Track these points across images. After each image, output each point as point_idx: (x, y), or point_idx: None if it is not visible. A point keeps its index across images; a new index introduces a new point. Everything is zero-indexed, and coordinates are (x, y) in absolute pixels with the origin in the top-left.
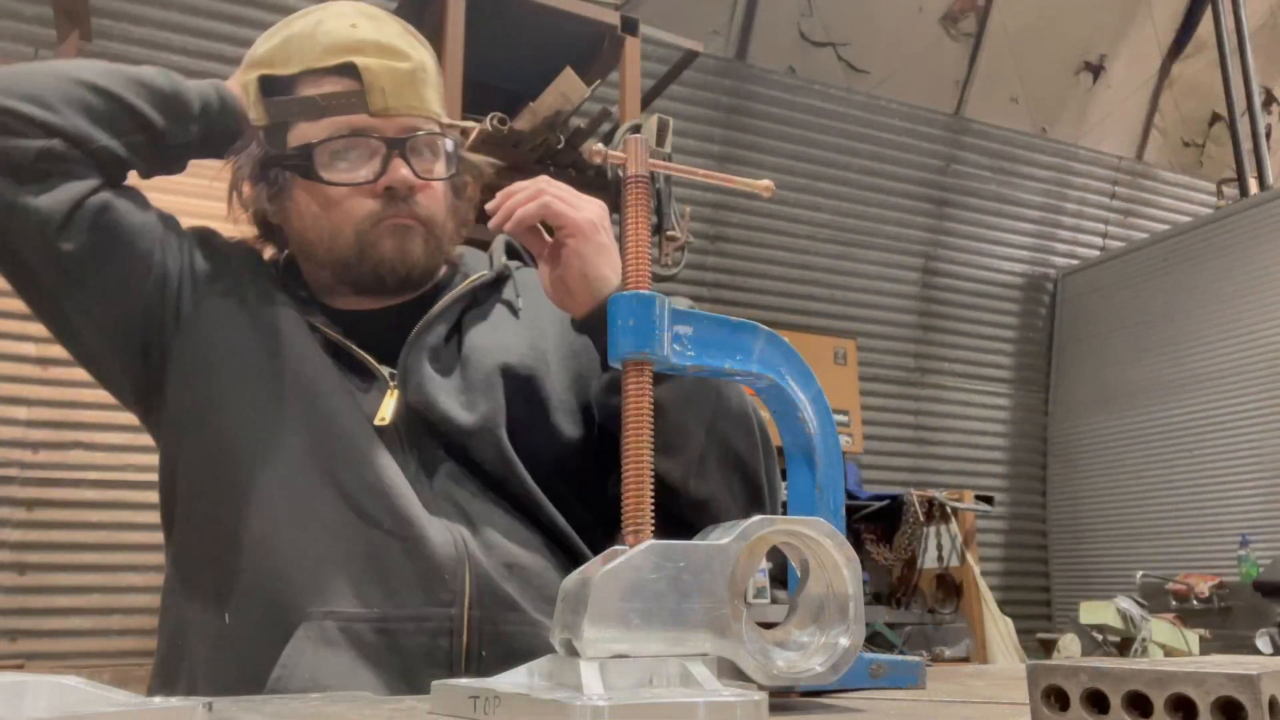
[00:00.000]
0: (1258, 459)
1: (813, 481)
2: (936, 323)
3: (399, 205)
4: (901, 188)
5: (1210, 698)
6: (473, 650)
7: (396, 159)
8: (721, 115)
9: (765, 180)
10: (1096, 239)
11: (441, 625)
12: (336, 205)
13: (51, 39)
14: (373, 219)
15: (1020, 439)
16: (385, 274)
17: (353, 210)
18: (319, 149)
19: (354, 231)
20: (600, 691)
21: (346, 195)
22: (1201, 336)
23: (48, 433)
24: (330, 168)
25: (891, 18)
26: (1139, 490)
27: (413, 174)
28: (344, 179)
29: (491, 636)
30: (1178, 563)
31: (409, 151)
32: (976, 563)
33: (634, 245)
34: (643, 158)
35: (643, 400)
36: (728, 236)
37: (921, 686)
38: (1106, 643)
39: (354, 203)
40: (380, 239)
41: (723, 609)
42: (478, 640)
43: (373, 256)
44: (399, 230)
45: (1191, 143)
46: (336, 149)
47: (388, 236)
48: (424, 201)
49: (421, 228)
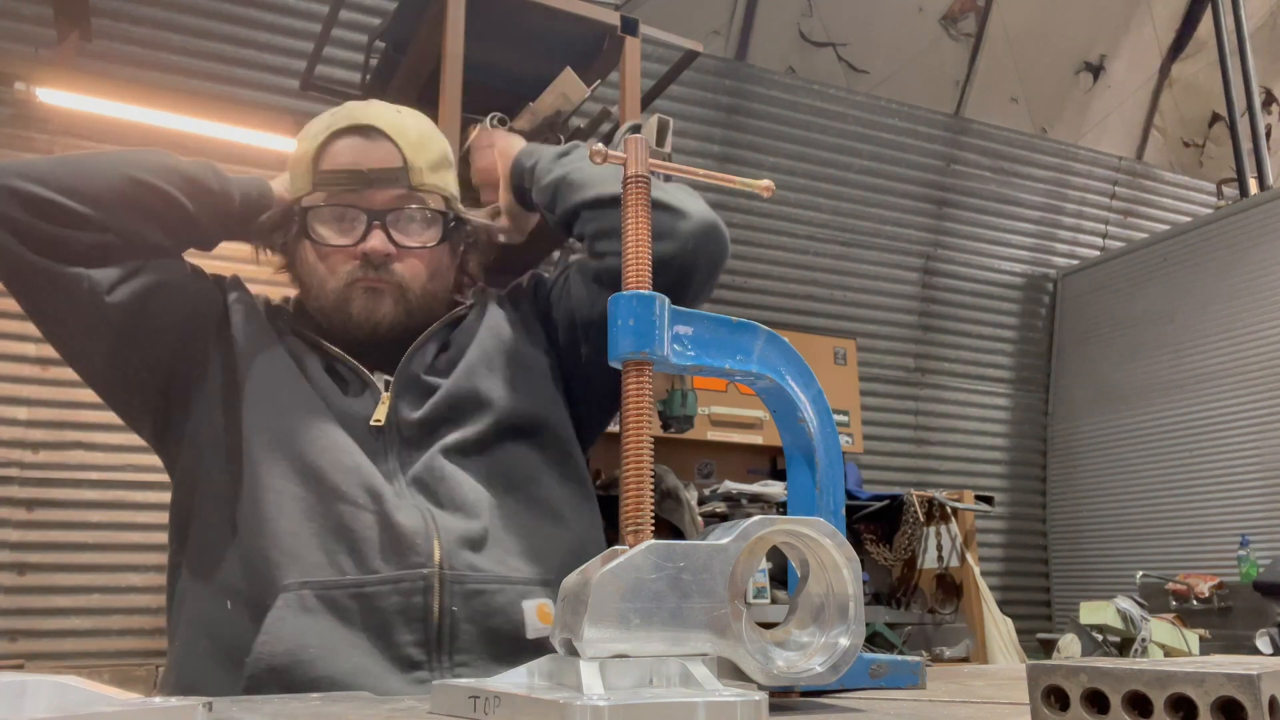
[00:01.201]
0: (1258, 459)
1: (813, 481)
2: (936, 323)
3: (372, 270)
4: (901, 188)
5: (1210, 698)
6: (444, 606)
7: (376, 229)
8: (721, 115)
9: (765, 180)
10: (1096, 239)
11: (415, 584)
12: (326, 259)
13: (51, 39)
14: (349, 277)
15: (1020, 439)
16: (353, 328)
17: (336, 266)
18: (313, 212)
19: (333, 288)
20: (600, 691)
21: (333, 252)
22: (1201, 336)
23: (48, 433)
24: (323, 227)
25: (891, 18)
26: (1139, 490)
27: (388, 243)
28: (330, 240)
29: (462, 594)
30: (1178, 563)
31: (391, 224)
32: (976, 563)
33: (634, 245)
34: (643, 158)
35: (643, 400)
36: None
37: (921, 686)
38: (1106, 643)
39: (338, 259)
40: (353, 297)
41: (723, 609)
42: (449, 597)
43: (345, 310)
44: (369, 292)
45: (1191, 143)
46: (329, 215)
47: (359, 296)
48: (400, 268)
49: (393, 291)
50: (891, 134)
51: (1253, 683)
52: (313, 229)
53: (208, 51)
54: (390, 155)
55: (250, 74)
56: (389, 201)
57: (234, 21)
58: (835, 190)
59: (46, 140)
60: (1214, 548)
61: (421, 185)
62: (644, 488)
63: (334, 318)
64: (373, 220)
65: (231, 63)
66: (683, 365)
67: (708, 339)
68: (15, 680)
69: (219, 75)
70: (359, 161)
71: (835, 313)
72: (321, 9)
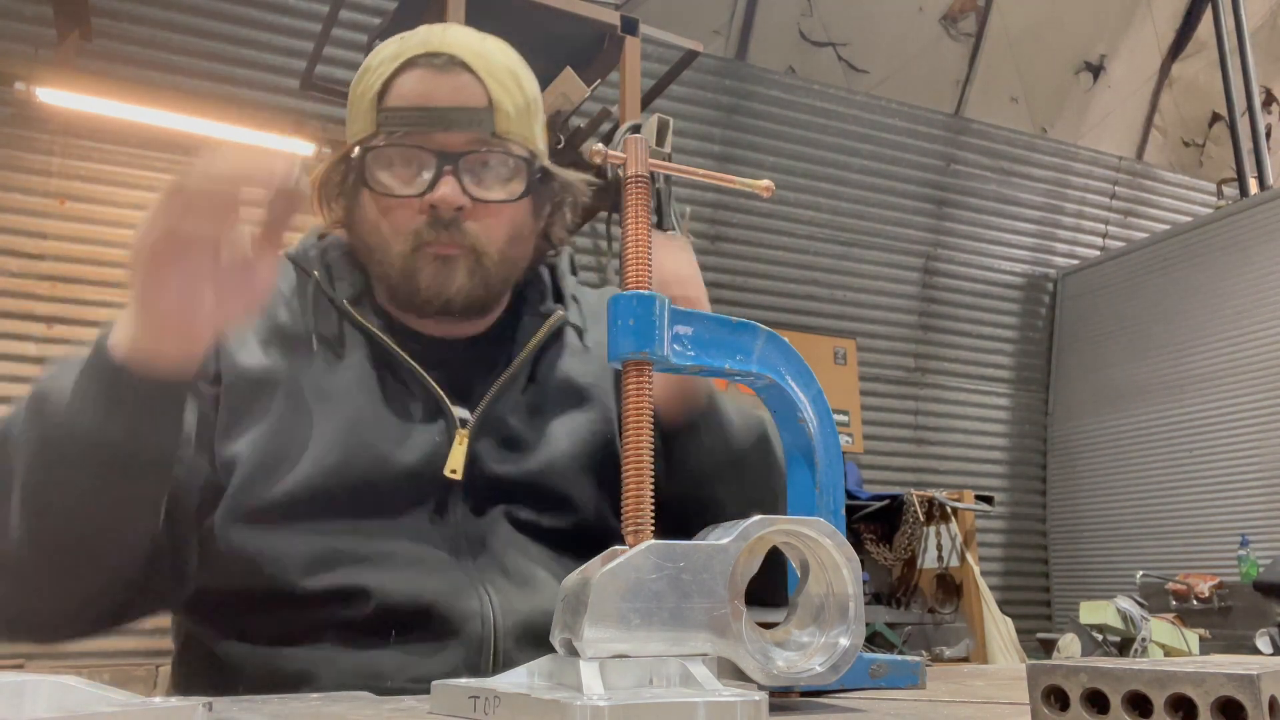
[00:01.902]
0: (1258, 459)
1: (813, 481)
2: (936, 323)
3: (442, 230)
4: (901, 188)
5: (1210, 698)
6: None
7: (447, 175)
8: (721, 115)
9: (765, 180)
10: (1096, 239)
11: (470, 663)
12: (388, 214)
13: (51, 39)
14: (415, 240)
15: (1020, 439)
16: (421, 303)
17: (400, 224)
18: (374, 155)
19: (399, 252)
20: (600, 691)
21: (395, 205)
22: (1201, 336)
23: None
24: (384, 173)
25: (891, 18)
26: (1139, 490)
27: (461, 193)
28: (391, 188)
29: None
30: (1178, 563)
31: (465, 170)
32: (976, 563)
33: (634, 245)
34: (643, 158)
35: (642, 400)
36: (728, 236)
37: (921, 686)
38: (1106, 643)
39: (402, 215)
40: (420, 266)
41: (723, 609)
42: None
43: (411, 282)
44: (439, 261)
45: (1191, 143)
46: (391, 156)
47: (427, 265)
48: (474, 227)
49: (467, 257)
50: (891, 134)
51: (1253, 683)
52: (372, 175)
53: (208, 51)
54: (471, 92)
55: (250, 74)
56: (464, 145)
57: (234, 21)
58: (835, 190)
59: (47, 140)
60: (1214, 548)
61: (507, 133)
62: (644, 488)
63: (400, 291)
64: (443, 165)
65: (231, 63)
66: (683, 365)
67: (708, 339)
68: (15, 680)
69: (219, 75)
70: (432, 96)
71: (835, 313)
72: (321, 9)
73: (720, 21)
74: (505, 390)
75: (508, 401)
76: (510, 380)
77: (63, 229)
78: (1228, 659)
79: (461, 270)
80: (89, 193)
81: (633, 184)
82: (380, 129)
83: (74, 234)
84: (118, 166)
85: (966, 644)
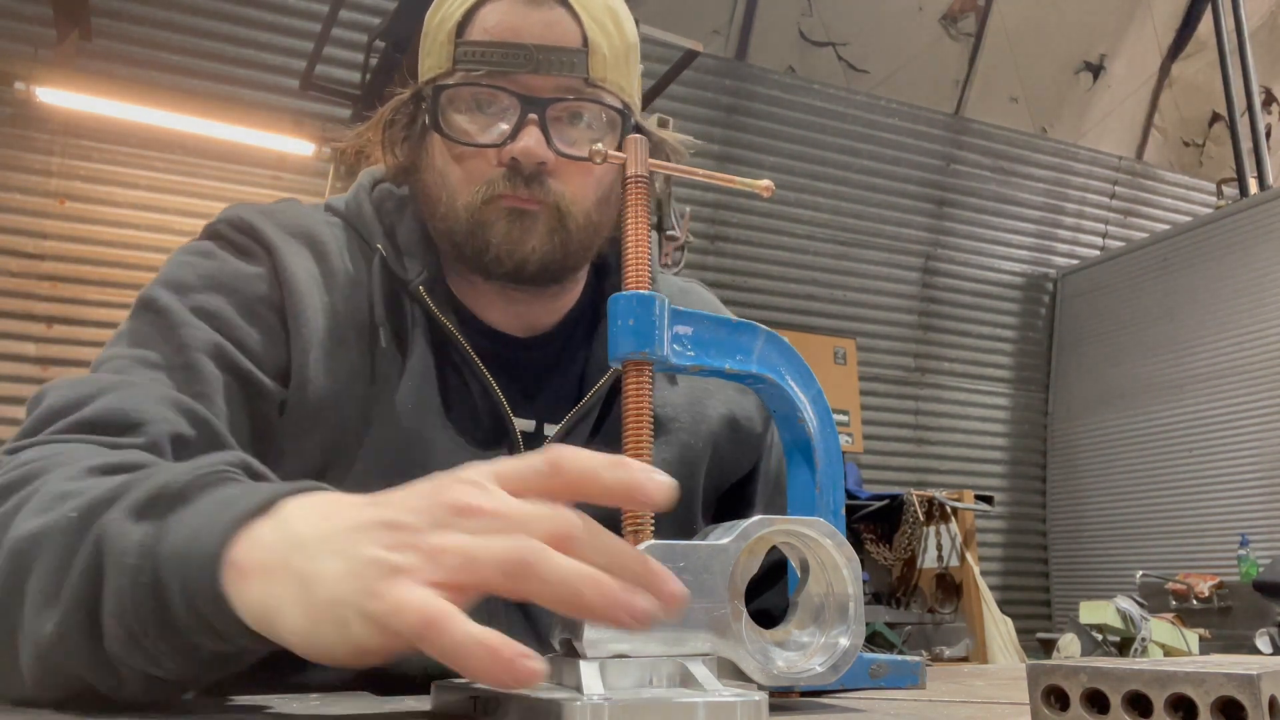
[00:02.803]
0: (1258, 459)
1: (813, 481)
2: (936, 323)
3: (522, 184)
4: (901, 188)
5: (1210, 698)
6: None
7: (531, 125)
8: (721, 115)
9: (765, 180)
10: (1096, 239)
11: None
12: (461, 162)
13: (51, 39)
14: (489, 191)
15: (1020, 439)
16: (489, 262)
17: (474, 173)
18: (448, 95)
19: (466, 203)
20: (600, 691)
21: (469, 154)
22: (1201, 336)
23: None
24: (460, 117)
25: (891, 18)
26: (1139, 490)
27: (546, 146)
28: (467, 135)
29: None
30: (1178, 563)
31: (553, 120)
32: (976, 562)
33: (634, 245)
34: (643, 158)
35: (642, 400)
36: (728, 236)
37: (921, 686)
38: (1106, 643)
39: (477, 165)
40: (492, 221)
41: (723, 609)
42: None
43: (480, 238)
44: (515, 215)
45: (1191, 143)
46: (468, 97)
47: (501, 219)
48: (559, 184)
49: (549, 215)
50: (891, 134)
51: (1253, 683)
52: (445, 119)
53: (208, 51)
54: (565, 29)
55: (250, 74)
56: (553, 90)
57: (234, 21)
58: (835, 190)
59: (46, 140)
60: (1214, 547)
61: (603, 80)
62: None
63: (467, 248)
64: (528, 112)
65: (231, 63)
66: (683, 365)
67: (707, 339)
68: None
69: (219, 75)
70: (520, 31)
71: (835, 313)
72: (321, 9)
73: (720, 21)
74: (576, 425)
75: (578, 435)
76: (582, 414)
77: (63, 229)
78: (1228, 659)
79: (540, 228)
80: (89, 193)
81: (633, 184)
82: (457, 66)
83: (74, 234)
84: (118, 166)
85: (966, 644)
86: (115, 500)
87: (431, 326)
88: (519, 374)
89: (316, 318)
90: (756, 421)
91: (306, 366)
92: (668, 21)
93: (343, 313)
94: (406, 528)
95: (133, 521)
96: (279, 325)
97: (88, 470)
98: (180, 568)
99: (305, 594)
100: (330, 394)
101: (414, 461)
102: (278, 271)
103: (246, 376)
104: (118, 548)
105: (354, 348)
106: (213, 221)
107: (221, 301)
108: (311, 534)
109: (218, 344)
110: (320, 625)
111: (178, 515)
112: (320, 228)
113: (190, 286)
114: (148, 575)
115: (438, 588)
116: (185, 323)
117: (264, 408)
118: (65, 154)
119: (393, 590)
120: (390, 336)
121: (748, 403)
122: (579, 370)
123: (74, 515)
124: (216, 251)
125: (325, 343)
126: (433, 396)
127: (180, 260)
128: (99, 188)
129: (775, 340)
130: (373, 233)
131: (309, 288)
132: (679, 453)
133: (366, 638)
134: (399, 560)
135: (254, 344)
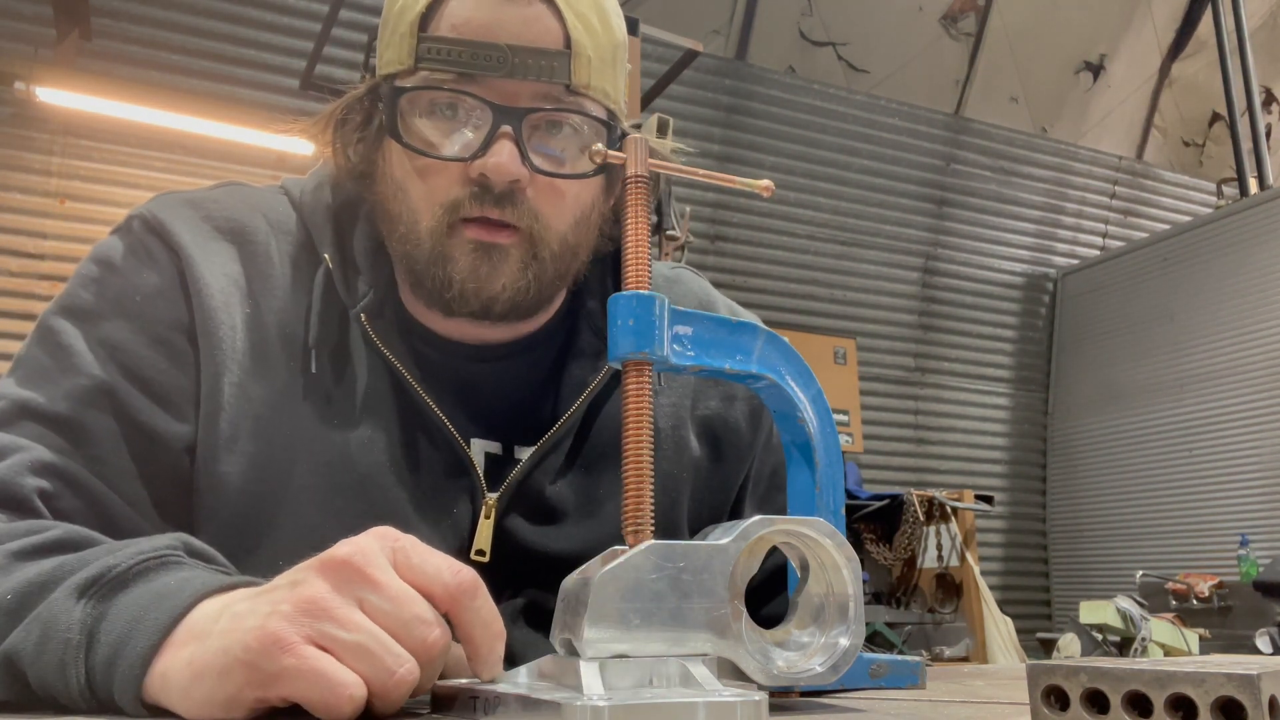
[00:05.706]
0: (1257, 459)
1: (813, 481)
2: (936, 323)
3: (491, 203)
4: (901, 188)
5: (1210, 698)
6: None
7: (504, 138)
8: (721, 115)
9: (765, 180)
10: (1096, 239)
11: None
12: (424, 176)
13: (51, 39)
14: (453, 214)
15: (1020, 439)
16: (452, 300)
17: (437, 190)
18: (410, 99)
19: (429, 228)
20: (600, 692)
21: (434, 168)
22: (1201, 336)
23: None
24: (423, 124)
25: (891, 17)
26: (1139, 490)
27: (520, 163)
28: (430, 146)
29: None
30: (1178, 563)
31: (530, 132)
32: (976, 562)
33: (634, 245)
34: (643, 158)
35: (642, 400)
36: (728, 236)
37: (921, 686)
38: (1106, 643)
39: (440, 180)
40: (456, 256)
41: (723, 609)
42: None
43: (443, 272)
44: (482, 250)
45: (1191, 143)
46: (433, 105)
47: (466, 254)
48: (533, 204)
49: (521, 247)
50: (891, 134)
51: (1253, 683)
52: (404, 124)
53: (208, 51)
54: (546, 27)
55: (250, 74)
56: (531, 98)
57: (234, 21)
58: (835, 190)
59: (46, 140)
60: (1214, 547)
61: (586, 86)
62: (644, 488)
63: (426, 280)
64: (501, 123)
65: (231, 63)
66: (683, 365)
67: (707, 339)
68: None
69: (219, 75)
70: (494, 29)
71: (835, 312)
72: (321, 9)
73: (720, 21)
74: (548, 452)
75: (551, 463)
76: (555, 440)
77: (63, 229)
78: (1228, 659)
79: (511, 264)
80: (89, 193)
81: (633, 184)
82: (420, 64)
83: (74, 234)
84: (118, 166)
85: (966, 644)
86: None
87: (381, 360)
88: (480, 392)
89: (233, 335)
90: (743, 432)
91: (220, 392)
92: (668, 21)
93: (271, 324)
94: (316, 602)
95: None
96: (188, 347)
97: (13, 555)
98: (110, 662)
99: (200, 648)
100: (248, 418)
101: (358, 496)
102: (187, 283)
103: (142, 427)
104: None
105: (282, 366)
106: (134, 211)
107: (125, 330)
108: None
109: (112, 392)
110: (204, 674)
111: (117, 602)
112: (257, 223)
113: (92, 314)
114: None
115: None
116: (81, 367)
117: (167, 457)
118: (65, 154)
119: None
120: (327, 358)
121: (734, 413)
122: (554, 389)
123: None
124: (121, 262)
125: (244, 361)
126: (380, 430)
127: (86, 275)
128: (99, 188)
129: (775, 340)
130: (322, 238)
131: (226, 300)
132: (661, 482)
133: (241, 683)
134: (292, 616)
135: (159, 376)
